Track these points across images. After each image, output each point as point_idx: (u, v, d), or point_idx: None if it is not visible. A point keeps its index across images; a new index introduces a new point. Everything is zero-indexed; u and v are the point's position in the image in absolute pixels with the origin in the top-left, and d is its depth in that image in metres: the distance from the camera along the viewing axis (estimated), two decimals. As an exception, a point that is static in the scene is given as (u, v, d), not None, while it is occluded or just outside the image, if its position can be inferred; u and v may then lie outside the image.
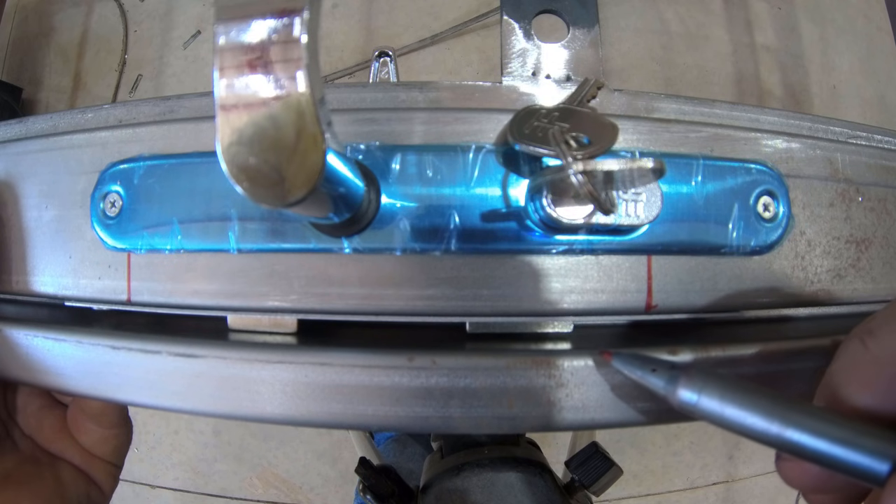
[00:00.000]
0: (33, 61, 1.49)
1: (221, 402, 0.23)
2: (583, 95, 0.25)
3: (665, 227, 0.24)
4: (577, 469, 0.46)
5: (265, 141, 0.15)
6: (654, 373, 0.19)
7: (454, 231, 0.24)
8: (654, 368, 0.19)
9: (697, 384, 0.17)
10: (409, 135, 0.24)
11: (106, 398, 0.25)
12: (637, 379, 0.20)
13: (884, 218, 0.27)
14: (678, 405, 0.18)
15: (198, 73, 1.42)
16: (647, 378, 0.19)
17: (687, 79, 1.39)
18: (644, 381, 0.19)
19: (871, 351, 0.16)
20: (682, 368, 0.18)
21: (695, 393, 0.17)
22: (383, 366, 0.22)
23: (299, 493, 1.22)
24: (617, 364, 0.20)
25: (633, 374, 0.20)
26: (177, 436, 1.26)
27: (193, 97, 0.27)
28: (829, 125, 0.28)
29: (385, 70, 0.68)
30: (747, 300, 0.25)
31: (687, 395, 0.18)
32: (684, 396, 0.18)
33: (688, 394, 0.18)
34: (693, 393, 0.17)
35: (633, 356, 0.20)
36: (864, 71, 1.45)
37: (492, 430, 0.22)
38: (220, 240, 0.25)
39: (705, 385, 0.17)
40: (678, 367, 0.19)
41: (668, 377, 0.18)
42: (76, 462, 0.31)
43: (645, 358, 0.20)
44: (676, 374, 0.18)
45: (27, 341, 0.25)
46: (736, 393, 0.17)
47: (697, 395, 0.17)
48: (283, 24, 0.15)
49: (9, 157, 0.29)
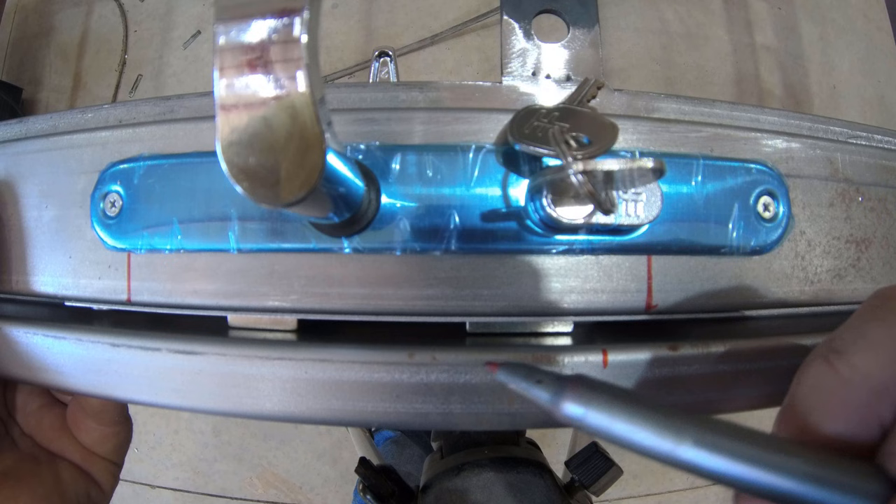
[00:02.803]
0: (33, 61, 1.49)
1: (221, 400, 0.23)
2: (583, 95, 0.25)
3: (665, 227, 0.24)
4: (577, 469, 0.46)
5: (265, 141, 0.15)
6: (540, 384, 0.18)
7: (454, 231, 0.24)
8: (540, 380, 0.18)
9: (584, 397, 0.16)
10: (409, 135, 0.24)
11: (106, 396, 0.25)
12: (522, 391, 0.18)
13: (884, 218, 0.27)
14: (564, 419, 0.17)
15: (198, 73, 1.42)
16: (532, 390, 0.18)
17: (687, 79, 1.39)
18: (529, 394, 0.18)
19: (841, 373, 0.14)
20: (569, 380, 0.17)
21: (581, 406, 0.16)
22: (383, 362, 0.22)
23: (299, 493, 1.22)
24: (502, 376, 0.19)
25: (517, 387, 0.18)
26: (177, 436, 1.26)
27: (193, 97, 0.27)
28: (829, 125, 0.28)
29: (385, 70, 0.68)
30: (747, 300, 0.25)
31: (572, 409, 0.16)
32: (569, 410, 0.16)
33: (574, 407, 0.16)
34: (579, 406, 0.16)
35: (519, 366, 0.19)
36: (864, 71, 1.45)
37: (492, 426, 0.22)
38: (220, 240, 0.25)
39: (592, 398, 0.16)
40: (564, 379, 0.17)
41: (554, 390, 0.17)
42: (76, 460, 0.31)
43: (531, 369, 0.19)
44: (562, 386, 0.17)
45: (27, 339, 0.25)
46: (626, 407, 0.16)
47: (584, 409, 0.16)
48: (283, 23, 0.15)
49: (9, 157, 0.29)
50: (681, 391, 0.23)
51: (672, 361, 0.22)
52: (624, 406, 0.16)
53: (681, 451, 0.14)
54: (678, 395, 0.23)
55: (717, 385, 0.23)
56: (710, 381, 0.23)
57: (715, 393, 0.23)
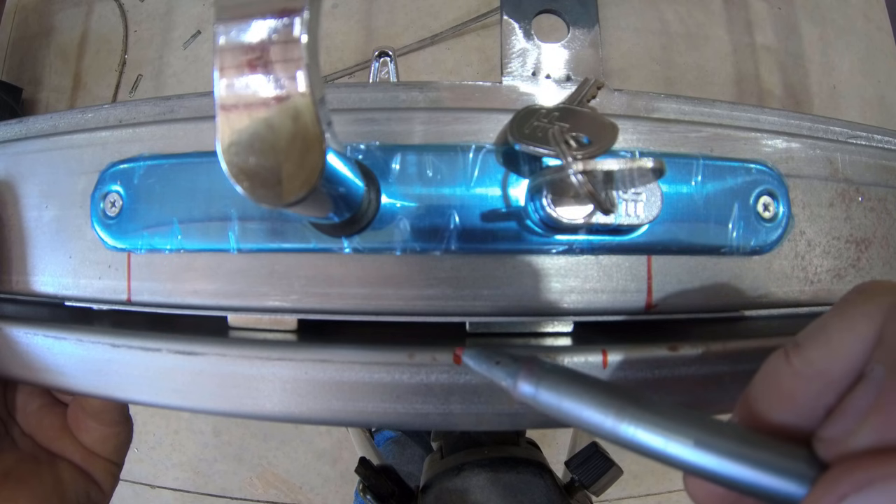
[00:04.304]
0: (33, 61, 1.49)
1: (222, 400, 0.23)
2: (583, 95, 0.25)
3: (665, 227, 0.24)
4: (577, 469, 0.46)
5: (265, 141, 0.15)
6: (498, 365, 0.19)
7: (454, 231, 0.24)
8: (499, 361, 0.19)
9: (535, 376, 0.17)
10: (409, 135, 0.24)
11: (106, 396, 0.25)
12: (484, 373, 0.19)
13: (884, 218, 0.27)
14: (519, 397, 0.18)
15: (198, 73, 1.42)
16: (492, 371, 0.19)
17: (687, 79, 1.39)
18: (490, 375, 0.19)
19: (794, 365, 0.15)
20: (524, 360, 0.18)
21: (532, 386, 0.17)
22: (384, 362, 0.22)
23: (299, 493, 1.22)
24: (466, 359, 0.20)
25: (480, 369, 0.19)
26: (177, 436, 1.26)
27: (193, 97, 0.27)
28: (829, 125, 0.28)
29: (385, 70, 0.68)
30: (747, 300, 0.25)
31: (526, 388, 0.17)
32: (523, 388, 0.17)
33: (527, 386, 0.17)
34: (531, 386, 0.17)
35: (481, 351, 0.20)
36: (864, 71, 1.45)
37: (492, 426, 0.22)
38: (221, 240, 0.25)
39: (543, 377, 0.17)
40: (520, 360, 0.18)
41: (511, 370, 0.18)
42: (76, 460, 0.31)
43: (492, 352, 0.20)
44: (518, 366, 0.18)
45: (27, 340, 0.25)
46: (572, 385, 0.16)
47: (535, 388, 0.17)
48: (283, 23, 0.15)
49: (9, 157, 0.29)
50: (681, 391, 0.23)
51: (672, 361, 0.22)
52: (571, 385, 0.16)
53: (621, 428, 0.15)
54: (678, 395, 0.23)
55: (717, 385, 0.23)
56: (710, 381, 0.23)
57: (715, 393, 0.23)
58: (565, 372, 0.17)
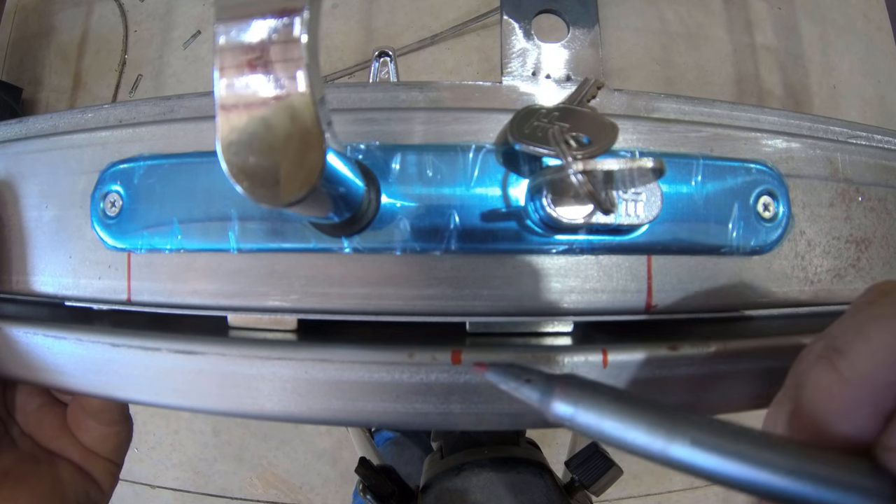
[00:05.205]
0: (33, 61, 1.49)
1: (221, 400, 0.23)
2: (583, 95, 0.25)
3: (665, 227, 0.24)
4: (577, 469, 0.46)
5: (265, 140, 0.15)
6: (529, 384, 0.17)
7: (454, 231, 0.24)
8: (529, 379, 0.18)
9: (574, 396, 0.16)
10: (409, 134, 0.24)
11: (106, 396, 0.25)
12: (512, 392, 0.18)
13: (884, 218, 0.27)
14: (554, 418, 0.16)
15: (198, 73, 1.42)
16: (521, 390, 0.18)
17: (687, 79, 1.39)
18: (518, 394, 0.18)
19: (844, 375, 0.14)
20: (558, 380, 0.17)
21: (570, 406, 0.16)
22: (383, 362, 0.22)
23: (299, 493, 1.22)
24: (491, 376, 0.19)
25: (507, 387, 0.18)
26: (177, 436, 1.26)
27: (193, 97, 0.27)
28: (829, 125, 0.28)
29: (385, 70, 0.68)
30: (747, 300, 0.25)
31: (562, 409, 0.16)
32: (559, 410, 0.16)
33: (563, 407, 0.16)
34: (568, 406, 0.16)
35: (508, 367, 0.19)
36: (864, 71, 1.45)
37: (492, 426, 0.22)
38: (221, 240, 0.25)
39: (581, 397, 0.16)
40: (554, 379, 0.17)
41: (543, 389, 0.17)
42: (76, 460, 0.31)
43: (520, 369, 0.19)
44: (551, 385, 0.17)
45: (27, 339, 0.25)
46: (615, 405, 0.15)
47: (573, 409, 0.16)
48: (283, 23, 0.15)
49: (9, 157, 0.29)
50: (681, 391, 0.23)
51: (672, 361, 0.22)
52: (613, 404, 0.15)
53: (672, 449, 0.14)
54: (678, 395, 0.23)
55: (718, 385, 0.23)
56: (710, 381, 0.23)
57: (715, 393, 0.23)
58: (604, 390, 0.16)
